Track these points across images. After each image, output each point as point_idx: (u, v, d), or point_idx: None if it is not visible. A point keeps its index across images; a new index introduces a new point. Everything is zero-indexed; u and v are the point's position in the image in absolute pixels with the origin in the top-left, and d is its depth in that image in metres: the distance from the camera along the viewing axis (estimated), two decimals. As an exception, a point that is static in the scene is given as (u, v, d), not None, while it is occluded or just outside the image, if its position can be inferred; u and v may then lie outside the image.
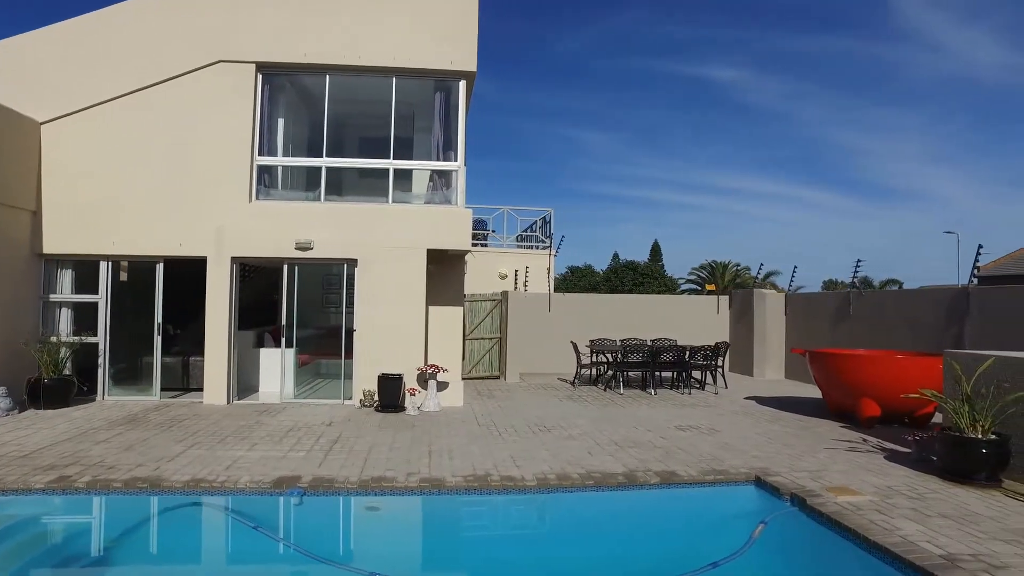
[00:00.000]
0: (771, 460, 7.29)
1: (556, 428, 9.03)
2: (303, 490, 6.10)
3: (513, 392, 12.54)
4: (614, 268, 31.14)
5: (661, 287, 28.00)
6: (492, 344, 14.34)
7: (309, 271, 11.38)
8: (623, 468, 6.87)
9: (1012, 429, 6.50)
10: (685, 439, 8.38)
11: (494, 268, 17.58)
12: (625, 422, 9.51)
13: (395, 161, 11.15)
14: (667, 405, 11.11)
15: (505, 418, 9.78)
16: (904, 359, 9.19)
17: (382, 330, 10.81)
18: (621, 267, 30.46)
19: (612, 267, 31.63)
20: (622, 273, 29.34)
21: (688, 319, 16.14)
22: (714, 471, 6.80)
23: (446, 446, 7.87)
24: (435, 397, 10.52)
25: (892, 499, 5.85)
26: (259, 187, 11.04)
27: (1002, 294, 9.76)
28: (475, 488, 6.28)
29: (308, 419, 9.47)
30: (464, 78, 11.22)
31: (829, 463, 7.18)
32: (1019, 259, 29.86)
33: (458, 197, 11.21)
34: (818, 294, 14.11)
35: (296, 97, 12.17)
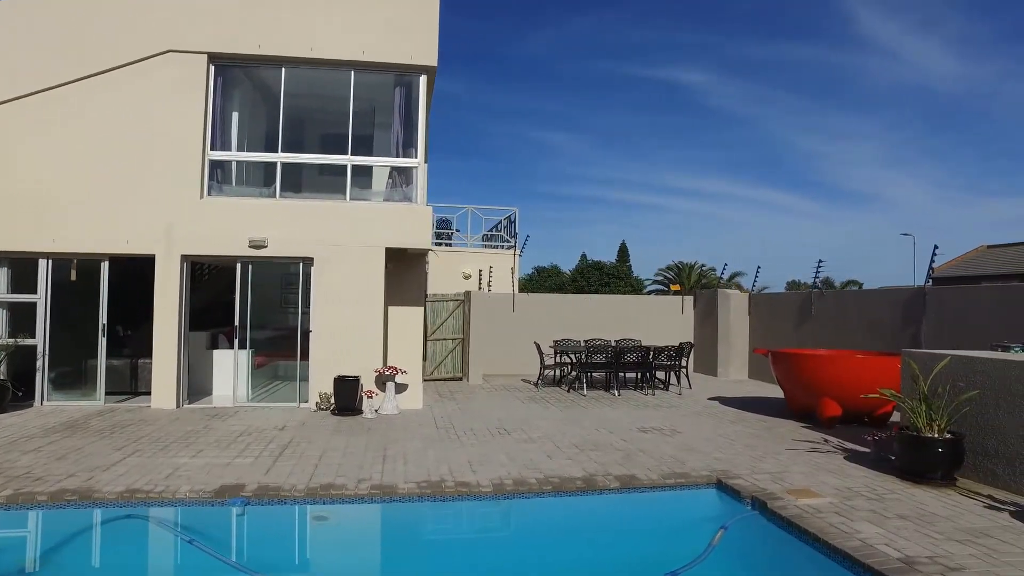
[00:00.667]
0: (733, 462, 7.19)
1: (516, 431, 8.84)
2: (247, 499, 5.80)
3: (475, 394, 12.32)
4: (580, 269, 31.11)
5: (627, 288, 28.02)
6: (455, 345, 14.09)
7: (268, 270, 11.00)
8: (583, 472, 6.70)
9: (966, 428, 6.50)
10: (647, 441, 8.25)
11: (458, 268, 17.34)
12: (587, 424, 9.36)
13: (353, 157, 10.83)
14: (630, 406, 11.00)
15: (465, 421, 9.56)
16: (863, 359, 9.21)
17: (339, 331, 10.49)
18: (587, 267, 30.42)
19: (579, 267, 31.61)
20: (588, 274, 29.29)
21: (653, 319, 16.11)
22: (675, 474, 6.67)
23: (401, 451, 7.61)
24: (393, 400, 10.24)
25: (852, 501, 5.78)
26: (211, 183, 10.63)
27: (956, 294, 9.87)
28: (428, 495, 6.04)
29: (261, 423, 9.12)
30: (425, 73, 10.96)
31: (790, 464, 7.11)
32: (969, 261, 30.66)
33: (418, 194, 10.95)
34: (781, 294, 14.20)
35: (253, 91, 11.78)
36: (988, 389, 6.33)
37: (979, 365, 6.46)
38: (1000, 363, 6.25)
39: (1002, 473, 6.18)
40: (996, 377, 6.26)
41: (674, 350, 12.53)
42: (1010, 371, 6.14)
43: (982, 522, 5.25)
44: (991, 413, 6.30)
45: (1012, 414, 6.10)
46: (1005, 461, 6.15)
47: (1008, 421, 6.13)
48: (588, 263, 31.18)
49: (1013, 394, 6.09)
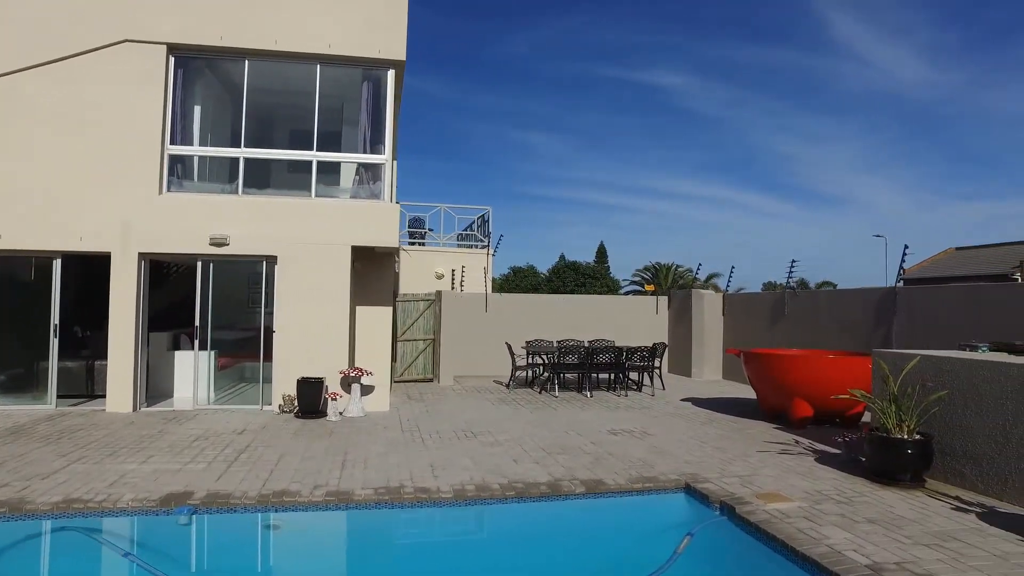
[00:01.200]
0: (702, 465, 7.04)
1: (484, 434, 8.62)
2: (194, 508, 5.52)
3: (445, 395, 12.08)
4: (556, 269, 30.94)
5: (603, 288, 27.90)
6: (426, 346, 13.84)
7: (231, 268, 10.66)
8: (548, 477, 6.51)
9: (935, 428, 6.42)
10: (616, 444, 8.08)
11: (431, 267, 17.07)
12: (556, 426, 9.17)
13: (319, 153, 10.54)
14: (602, 408, 10.83)
15: (431, 423, 9.32)
16: (835, 359, 9.14)
17: (304, 332, 10.20)
18: (563, 268, 30.25)
19: (554, 268, 31.42)
20: (564, 274, 29.12)
21: (628, 320, 15.98)
22: (643, 479, 6.50)
23: (362, 455, 7.35)
24: (359, 402, 9.97)
25: (821, 504, 5.65)
26: (171, 178, 10.27)
27: (926, 294, 9.86)
28: (386, 502, 5.81)
29: (220, 427, 8.80)
30: (393, 67, 10.71)
31: (760, 467, 6.98)
32: (939, 263, 31.06)
33: (386, 192, 10.69)
34: (755, 294, 14.15)
35: (216, 84, 11.43)
36: (956, 389, 6.25)
37: (948, 365, 6.38)
38: (968, 363, 6.18)
39: (969, 474, 6.10)
40: (964, 377, 6.19)
41: (647, 351, 12.40)
42: (978, 371, 6.06)
43: (950, 525, 5.15)
44: (959, 413, 6.22)
45: (979, 414, 6.02)
46: (972, 462, 6.07)
47: (976, 421, 6.05)
48: (564, 263, 31.01)
49: (980, 394, 6.01)
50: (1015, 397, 5.70)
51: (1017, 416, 5.67)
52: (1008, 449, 5.74)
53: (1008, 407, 5.76)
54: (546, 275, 31.82)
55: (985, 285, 9.17)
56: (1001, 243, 30.07)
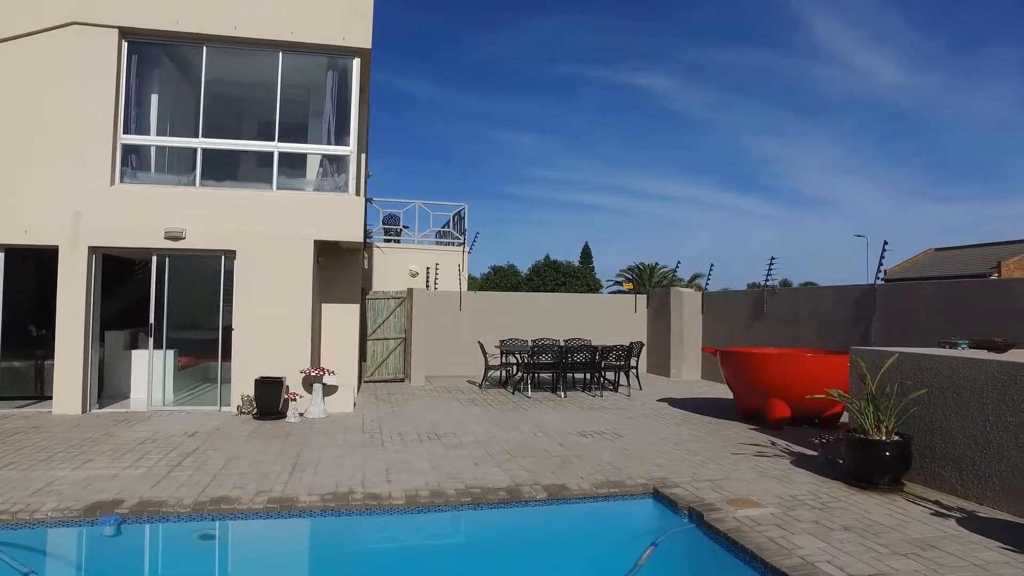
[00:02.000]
0: (673, 468, 6.71)
1: (448, 435, 8.25)
2: (121, 517, 5.09)
3: (414, 396, 11.68)
4: (536, 268, 30.56)
5: (583, 287, 27.57)
6: (397, 345, 13.43)
7: (193, 263, 10.21)
8: (509, 482, 6.14)
9: (914, 429, 6.13)
10: (586, 446, 7.74)
11: (406, 265, 16.66)
12: (525, 428, 8.82)
13: (280, 144, 10.12)
14: (575, 409, 10.49)
15: (395, 425, 8.93)
16: (813, 358, 8.86)
17: (264, 329, 9.77)
18: (543, 267, 29.88)
19: (535, 267, 31.05)
20: (545, 273, 28.74)
21: (606, 319, 15.67)
22: (609, 483, 6.15)
23: (316, 458, 6.95)
24: (321, 402, 9.56)
25: (795, 511, 5.33)
26: (125, 169, 9.81)
27: (904, 292, 9.61)
28: (332, 509, 5.42)
29: (171, 429, 8.36)
30: (359, 56, 10.32)
31: (733, 470, 6.66)
32: (919, 264, 31.10)
33: (351, 184, 10.29)
34: (734, 292, 13.87)
35: (173, 71, 10.96)
36: (936, 388, 5.97)
37: (927, 363, 6.09)
38: (948, 360, 5.89)
39: (949, 476, 5.81)
40: (944, 375, 5.90)
41: (623, 350, 12.08)
42: (957, 368, 5.77)
43: (928, 531, 4.85)
44: (939, 413, 5.94)
45: (959, 413, 5.73)
46: (952, 464, 5.78)
47: (955, 421, 5.77)
48: (545, 262, 30.63)
49: (960, 393, 5.73)
50: (995, 396, 5.42)
51: (997, 416, 5.39)
52: (988, 451, 5.46)
53: (988, 407, 5.48)
54: (527, 274, 31.49)
55: (964, 281, 8.93)
56: (979, 244, 30.16)
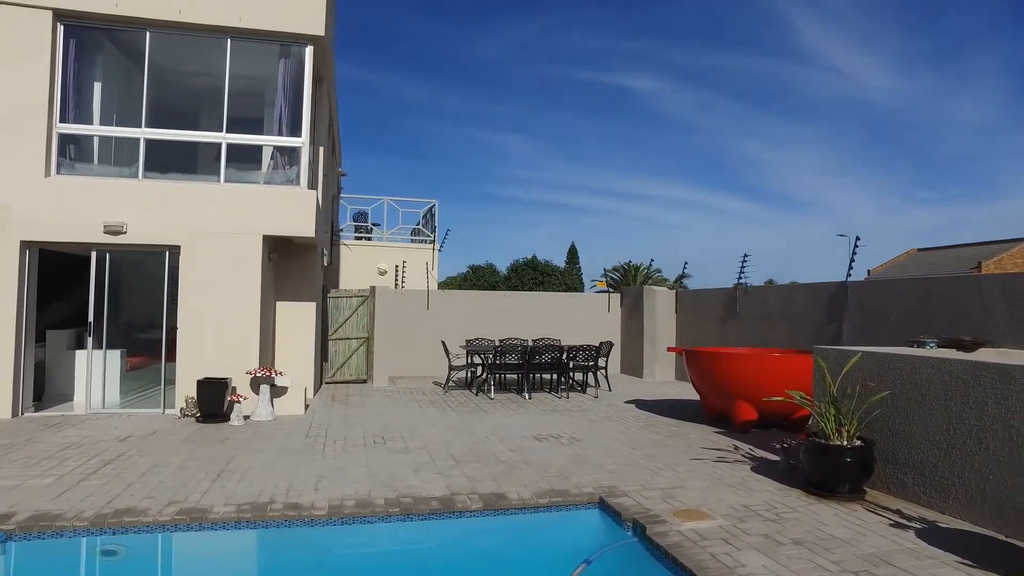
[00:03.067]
0: (625, 475, 6.32)
1: (395, 440, 7.82)
2: (7, 534, 4.64)
3: (373, 397, 11.23)
4: (515, 267, 30.11)
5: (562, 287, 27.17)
6: (359, 345, 12.98)
7: (139, 260, 9.72)
8: (445, 491, 5.73)
9: (877, 433, 5.77)
10: (538, 451, 7.33)
11: (376, 263, 16.20)
12: (480, 431, 8.40)
13: (229, 135, 9.66)
14: (537, 411, 10.08)
15: (343, 428, 8.49)
16: (779, 358, 8.49)
17: (210, 328, 9.31)
18: (522, 266, 29.44)
19: (513, 266, 30.59)
20: (523, 272, 28.30)
21: (579, 318, 15.28)
22: (553, 492, 5.75)
23: (246, 464, 6.51)
24: (268, 404, 9.10)
25: (746, 522, 4.95)
26: (62, 160, 9.31)
27: (876, 289, 9.28)
28: (246, 520, 4.99)
29: (104, 433, 7.89)
30: (312, 43, 9.89)
31: (689, 477, 6.28)
32: (901, 264, 30.95)
33: (303, 178, 9.84)
34: (706, 291, 13.53)
35: (115, 58, 10.46)
36: (899, 389, 5.61)
37: (890, 363, 5.73)
38: (911, 360, 5.53)
39: (911, 484, 5.45)
40: (907, 376, 5.54)
41: (592, 350, 11.68)
42: (921, 369, 5.42)
43: (885, 545, 4.47)
44: (902, 416, 5.57)
45: (922, 416, 5.38)
46: (915, 470, 5.42)
47: (918, 425, 5.41)
48: (523, 261, 30.21)
49: (924, 394, 5.37)
50: (958, 398, 5.06)
51: (960, 419, 5.03)
52: (951, 456, 5.10)
53: (951, 409, 5.12)
54: (505, 274, 31.03)
55: (935, 279, 8.60)
56: (961, 244, 30.05)
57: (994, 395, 4.79)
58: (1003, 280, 7.50)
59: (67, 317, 10.50)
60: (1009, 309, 7.41)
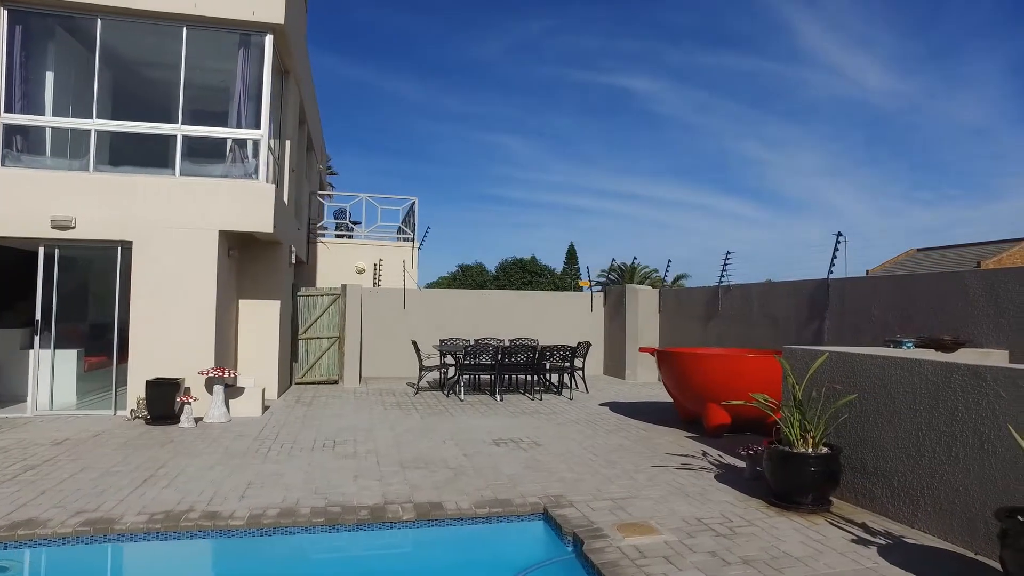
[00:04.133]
0: (578, 483, 5.92)
1: (347, 443, 7.43)
2: None
3: (339, 399, 10.83)
4: (503, 266, 29.66)
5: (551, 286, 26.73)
6: (330, 344, 12.60)
7: (91, 256, 9.36)
8: (380, 498, 5.34)
9: (845, 439, 5.37)
10: (492, 456, 6.93)
11: (354, 261, 15.82)
12: (438, 435, 8.01)
13: (184, 127, 9.29)
14: (505, 413, 9.68)
15: (297, 431, 8.10)
16: (753, 359, 8.07)
17: (163, 326, 8.93)
18: (510, 265, 28.99)
19: (501, 265, 30.14)
20: (511, 271, 27.86)
21: (561, 318, 14.88)
22: (495, 502, 5.35)
23: (179, 469, 6.13)
24: (221, 406, 8.72)
25: (695, 538, 4.54)
26: (8, 151, 8.95)
27: (857, 286, 8.85)
28: (156, 531, 4.60)
29: (42, 436, 7.53)
30: (271, 32, 9.52)
31: (647, 486, 5.87)
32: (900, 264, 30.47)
33: (261, 171, 9.47)
34: (689, 289, 13.10)
35: (66, 46, 10.05)
36: (869, 392, 5.20)
37: (859, 364, 5.32)
38: (881, 361, 5.13)
39: (880, 495, 5.04)
40: (875, 378, 5.13)
41: (568, 350, 11.27)
42: (891, 370, 5.01)
43: (842, 565, 4.06)
44: (870, 421, 5.16)
45: (891, 422, 4.96)
46: (883, 480, 5.01)
47: (887, 431, 5.00)
48: (511, 260, 29.75)
49: (893, 398, 4.96)
50: (928, 402, 4.65)
51: (930, 425, 4.62)
52: (920, 465, 4.68)
53: (920, 413, 4.71)
54: (494, 273, 30.60)
55: (916, 276, 8.17)
56: (962, 244, 29.56)
57: (964, 399, 4.38)
58: (987, 276, 7.07)
59: (25, 316, 10.13)
60: (993, 307, 6.98)
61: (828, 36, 67.11)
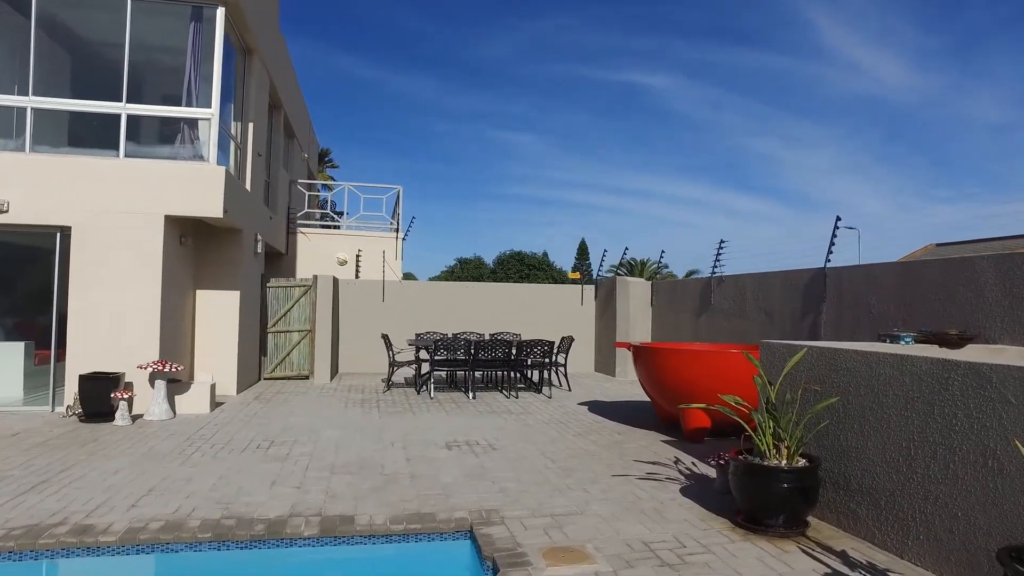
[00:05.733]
0: (520, 496, 5.18)
1: (284, 444, 6.77)
2: None
3: (302, 396, 10.16)
4: (501, 259, 28.87)
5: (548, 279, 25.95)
6: (301, 338, 11.95)
7: (29, 242, 8.78)
8: (288, 509, 4.65)
9: (825, 450, 4.58)
10: (436, 462, 6.21)
11: (335, 253, 15.17)
12: (388, 436, 7.31)
13: (129, 106, 8.67)
14: (473, 413, 8.96)
15: (238, 430, 7.45)
16: (735, 355, 7.25)
17: (105, 318, 8.33)
18: (508, 258, 28.19)
19: (499, 258, 29.33)
20: (508, 264, 27.08)
21: (549, 311, 14.12)
22: (416, 516, 4.63)
23: (80, 474, 5.49)
24: (163, 402, 8.09)
25: (634, 568, 3.80)
26: (-61, 130, 8.38)
27: (856, 275, 7.99)
28: (10, 550, 3.95)
29: (-40, 436, 6.93)
30: (223, 6, 8.87)
31: (598, 500, 5.12)
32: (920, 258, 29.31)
33: (211, 153, 8.83)
34: (683, 281, 12.27)
35: (12, 15, 9.47)
36: (854, 394, 4.41)
37: (843, 361, 4.53)
38: (866, 358, 4.33)
39: (865, 516, 4.25)
40: (863, 377, 4.34)
41: (547, 345, 10.52)
42: (879, 369, 4.21)
43: (806, 609, 3.30)
44: (856, 429, 4.37)
45: (879, 430, 4.17)
46: (869, 499, 4.22)
47: (874, 440, 4.21)
48: (509, 253, 28.92)
49: (881, 402, 4.17)
50: (922, 407, 3.86)
51: (923, 435, 3.84)
52: (912, 482, 3.90)
53: (913, 421, 3.92)
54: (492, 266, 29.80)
55: (920, 262, 7.32)
56: (982, 239, 28.28)
57: (964, 404, 3.59)
58: (1000, 262, 6.21)
59: None
60: (1007, 297, 6.12)
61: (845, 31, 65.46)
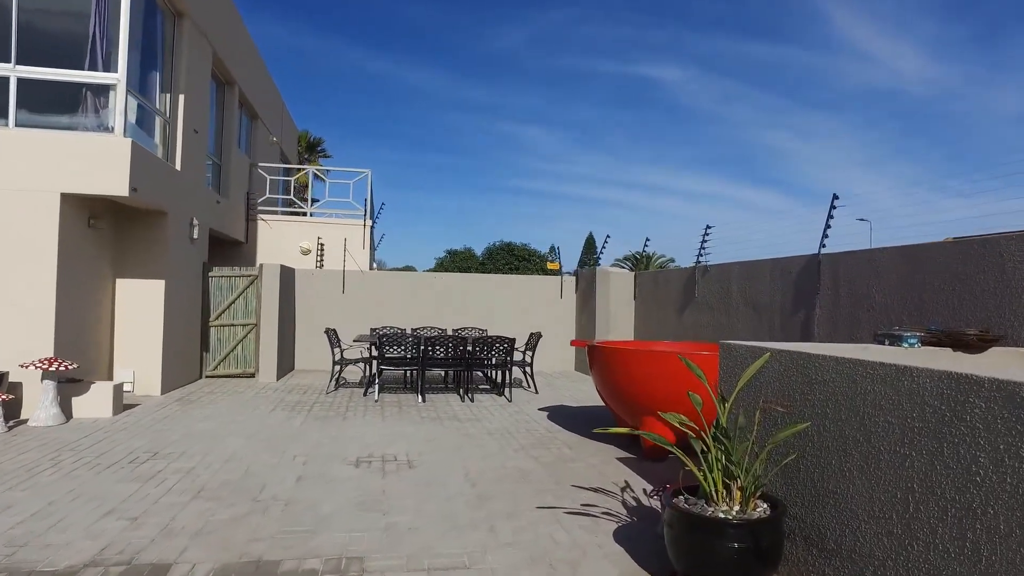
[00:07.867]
0: (403, 537, 4.04)
1: (168, 457, 5.66)
2: None
3: (230, 397, 9.07)
4: (491, 251, 27.63)
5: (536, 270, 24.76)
6: (246, 333, 10.88)
7: None
8: (91, 554, 3.55)
9: (794, 491, 3.40)
10: (330, 484, 5.07)
11: (298, 240, 14.09)
12: (297, 447, 6.19)
13: (19, 68, 7.60)
14: (413, 419, 7.83)
15: (125, 440, 6.37)
16: (708, 356, 6.06)
17: (-11, 309, 7.30)
18: (497, 249, 26.99)
19: (489, 249, 28.09)
20: (497, 255, 25.90)
21: (526, 305, 12.96)
22: (247, 567, 3.50)
23: None
24: (52, 406, 7.05)
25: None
26: None
27: (856, 263, 6.72)
28: None
29: None
30: (131, -50, 7.75)
31: (503, 545, 3.97)
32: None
33: (116, 123, 7.75)
34: (667, 272, 11.01)
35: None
36: (832, 419, 3.21)
37: (819, 372, 3.33)
38: (848, 369, 3.13)
39: (844, 592, 3.06)
40: (845, 396, 3.14)
41: (507, 343, 9.35)
42: (865, 385, 3.01)
43: None
44: (834, 466, 3.18)
45: (864, 470, 2.98)
46: (851, 565, 3.03)
47: (859, 483, 3.01)
48: (499, 244, 27.67)
49: (869, 432, 2.97)
50: (926, 443, 2.66)
51: (929, 483, 2.64)
52: (911, 551, 2.70)
53: (914, 462, 2.72)
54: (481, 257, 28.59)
55: (931, 245, 6.04)
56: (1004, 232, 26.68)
57: (990, 441, 2.39)
58: (1033, 244, 4.97)
59: None
60: (1042, 288, 4.88)
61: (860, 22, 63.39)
